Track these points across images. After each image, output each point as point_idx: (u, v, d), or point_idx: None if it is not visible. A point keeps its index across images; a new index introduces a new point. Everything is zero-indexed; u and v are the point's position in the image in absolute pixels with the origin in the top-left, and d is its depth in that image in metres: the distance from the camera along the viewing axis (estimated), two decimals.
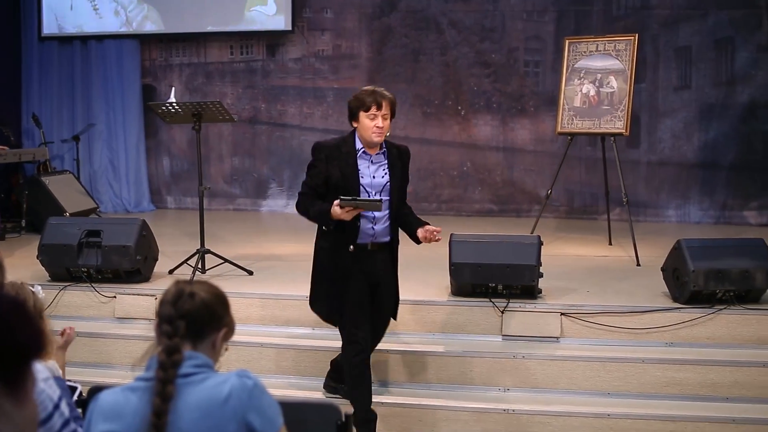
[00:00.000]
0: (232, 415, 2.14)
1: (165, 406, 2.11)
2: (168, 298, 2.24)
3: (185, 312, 2.22)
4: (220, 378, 2.20)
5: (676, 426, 4.59)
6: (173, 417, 2.12)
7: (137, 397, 2.17)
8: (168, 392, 2.13)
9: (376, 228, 4.30)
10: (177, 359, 2.17)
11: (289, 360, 5.16)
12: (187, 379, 2.17)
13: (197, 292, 2.25)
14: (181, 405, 2.14)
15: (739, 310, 5.13)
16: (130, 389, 2.20)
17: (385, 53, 9.58)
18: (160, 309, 2.24)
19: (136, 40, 9.93)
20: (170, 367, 2.15)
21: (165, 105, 6.16)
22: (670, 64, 9.02)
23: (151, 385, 2.16)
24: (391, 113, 4.29)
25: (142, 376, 2.21)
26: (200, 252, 6.08)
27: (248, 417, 2.15)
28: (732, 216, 8.95)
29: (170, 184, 10.19)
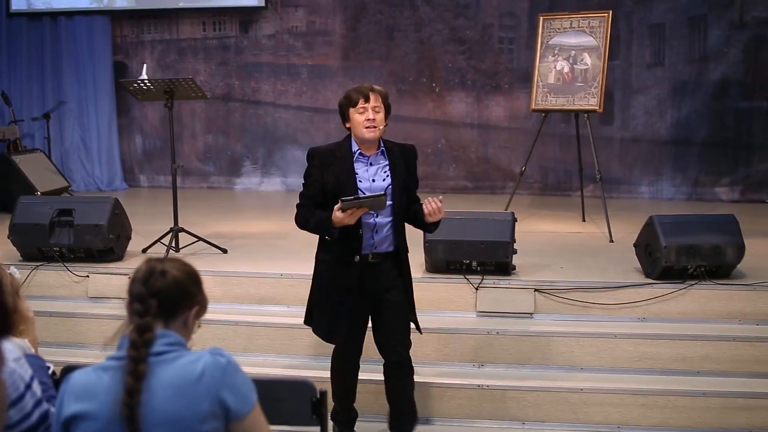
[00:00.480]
0: (205, 392, 2.14)
1: (137, 385, 2.11)
2: (139, 277, 2.23)
3: (157, 290, 2.20)
4: (193, 356, 2.19)
5: (647, 400, 4.65)
6: (146, 396, 2.11)
7: (109, 377, 2.16)
8: (140, 371, 2.12)
9: (376, 237, 3.95)
10: (149, 338, 2.16)
11: (264, 338, 5.16)
12: (160, 357, 2.16)
13: (169, 270, 2.24)
14: (154, 383, 2.13)
15: (710, 285, 5.18)
16: (102, 369, 2.19)
17: (360, 30, 9.53)
18: (131, 287, 2.23)
19: (106, 16, 9.80)
20: (142, 345, 2.14)
21: (137, 82, 6.09)
22: (644, 41, 9.04)
23: (123, 364, 2.15)
24: (384, 107, 3.96)
25: (114, 356, 2.20)
26: (174, 230, 6.05)
27: (222, 394, 2.15)
28: (704, 192, 9.04)
29: (143, 162, 10.11)
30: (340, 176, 3.92)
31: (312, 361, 5.03)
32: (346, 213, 3.74)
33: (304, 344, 5.09)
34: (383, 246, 3.99)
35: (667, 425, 4.63)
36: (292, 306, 5.37)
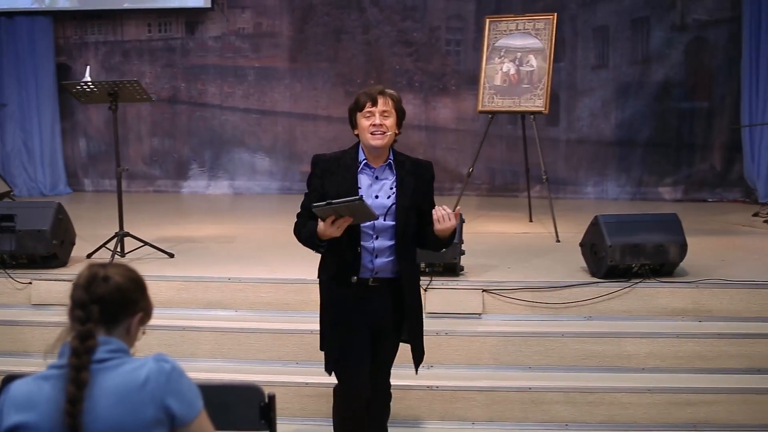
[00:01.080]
0: (149, 399, 2.11)
1: (79, 394, 2.07)
2: (80, 282, 2.19)
3: (99, 296, 2.16)
4: (137, 363, 2.16)
5: (595, 397, 4.71)
6: (89, 404, 2.07)
7: (50, 386, 2.11)
8: (82, 379, 2.08)
9: (376, 262, 3.57)
10: (90, 345, 2.12)
11: (212, 343, 5.11)
12: (102, 364, 2.12)
13: (111, 276, 2.19)
14: (97, 391, 2.09)
15: (653, 283, 5.27)
16: (43, 377, 2.14)
17: (307, 32, 9.50)
18: (73, 293, 2.18)
19: (49, 17, 9.62)
20: (83, 353, 2.10)
21: (80, 84, 5.99)
22: (588, 43, 9.18)
23: (64, 373, 2.10)
24: (396, 112, 3.60)
25: (55, 364, 2.15)
26: (119, 235, 5.96)
27: (167, 401, 2.12)
28: (648, 192, 9.20)
29: (87, 166, 9.94)
30: (341, 187, 3.53)
31: (260, 365, 5.00)
32: (328, 223, 3.38)
33: (252, 349, 5.06)
34: (386, 272, 3.60)
35: (613, 422, 4.69)
36: (240, 310, 5.34)
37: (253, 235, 7.03)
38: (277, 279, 5.43)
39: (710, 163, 9.13)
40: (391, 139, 3.62)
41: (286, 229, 7.24)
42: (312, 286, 5.32)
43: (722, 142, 9.10)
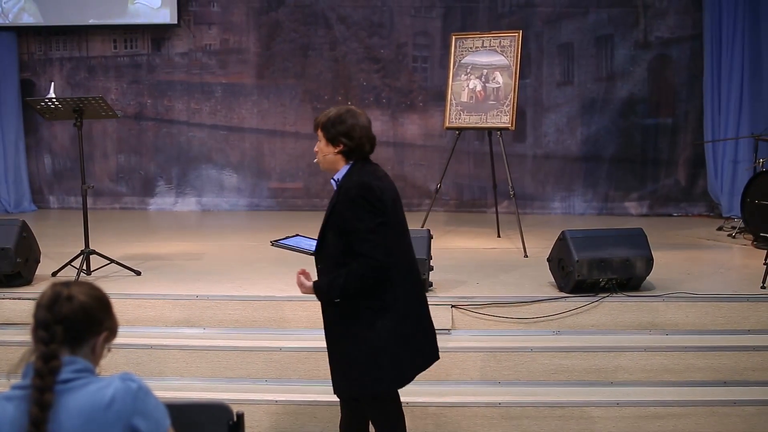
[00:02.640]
0: (116, 419, 2.08)
1: (43, 415, 2.03)
2: (44, 302, 2.15)
3: (63, 317, 2.13)
4: (103, 382, 2.12)
5: (564, 411, 4.73)
6: (53, 426, 2.04)
7: (14, 407, 2.07)
8: (46, 400, 2.04)
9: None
10: (54, 366, 2.08)
11: (180, 361, 5.05)
12: (67, 385, 2.09)
13: (75, 295, 2.16)
14: (62, 412, 2.06)
15: (621, 297, 5.32)
16: (6, 398, 2.10)
17: (274, 48, 9.50)
18: (36, 313, 2.15)
19: (12, 32, 9.52)
20: (47, 374, 2.06)
21: (44, 101, 5.93)
22: (554, 60, 9.27)
23: (28, 394, 2.07)
24: (322, 133, 3.52)
25: (19, 384, 2.11)
26: (85, 253, 5.89)
27: (133, 421, 2.09)
28: (614, 207, 9.30)
29: (52, 183, 9.83)
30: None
31: (229, 383, 4.96)
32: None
33: (221, 366, 5.01)
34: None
35: None
36: (208, 328, 5.30)
37: (221, 252, 6.98)
38: (246, 296, 5.41)
39: (675, 178, 9.25)
40: (327, 161, 3.54)
41: (254, 246, 7.27)
42: (280, 303, 5.34)
43: (686, 158, 9.23)
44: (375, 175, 3.49)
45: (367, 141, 3.54)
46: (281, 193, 9.61)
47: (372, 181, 3.43)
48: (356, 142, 3.49)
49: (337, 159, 3.52)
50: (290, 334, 5.22)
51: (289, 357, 5.00)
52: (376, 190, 3.40)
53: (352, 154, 3.51)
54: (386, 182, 3.53)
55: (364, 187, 3.40)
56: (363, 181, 3.42)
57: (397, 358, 3.49)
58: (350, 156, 3.52)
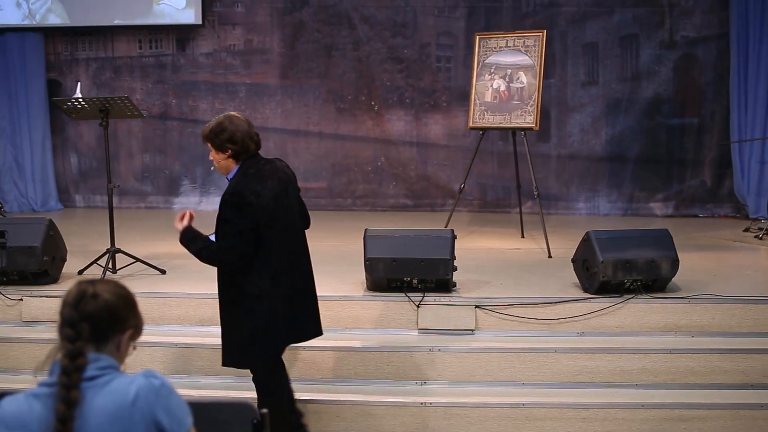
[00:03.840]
0: (140, 417, 2.10)
1: (70, 412, 2.05)
2: (69, 300, 2.17)
3: (88, 314, 2.15)
4: (127, 379, 2.14)
5: (588, 413, 4.70)
6: (79, 422, 2.06)
7: (41, 404, 2.09)
8: (72, 398, 2.06)
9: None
10: (81, 363, 2.10)
11: (204, 359, 5.08)
12: (92, 382, 2.11)
13: (100, 293, 2.18)
14: (87, 409, 2.08)
15: (646, 298, 5.28)
16: (34, 396, 2.12)
17: (298, 48, 9.52)
18: (62, 311, 2.17)
19: (39, 33, 9.61)
20: (73, 371, 2.08)
21: (71, 101, 5.98)
22: (578, 60, 9.22)
23: (54, 391, 2.09)
24: (209, 143, 3.93)
25: (45, 382, 2.14)
26: (110, 251, 5.94)
27: (157, 417, 2.11)
28: (639, 208, 9.23)
29: (78, 182, 9.92)
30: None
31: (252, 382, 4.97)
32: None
33: None
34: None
35: None
36: None
37: None
38: None
39: (701, 178, 9.17)
40: (221, 167, 3.95)
41: None
42: None
43: (712, 158, 9.15)
44: (258, 177, 3.86)
45: (251, 141, 3.92)
46: (304, 192, 9.44)
47: (247, 188, 3.82)
48: (240, 145, 3.89)
49: (229, 162, 3.92)
50: None
51: (312, 356, 5.01)
52: (247, 196, 3.79)
53: (239, 155, 3.90)
54: (271, 183, 3.88)
55: (235, 194, 3.82)
56: (237, 188, 3.83)
57: (272, 339, 3.96)
58: (239, 157, 3.91)
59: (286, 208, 3.95)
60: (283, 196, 3.94)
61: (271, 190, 3.87)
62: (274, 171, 3.95)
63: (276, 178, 3.93)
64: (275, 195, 3.87)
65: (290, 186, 4.03)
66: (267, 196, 3.83)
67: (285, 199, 3.95)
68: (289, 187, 4.02)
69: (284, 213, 3.94)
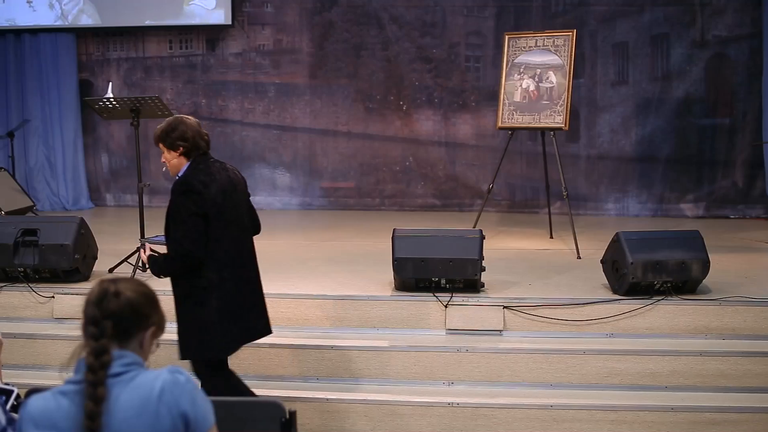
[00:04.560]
0: (166, 411, 2.12)
1: (97, 409, 2.08)
2: (92, 299, 2.20)
3: (110, 312, 2.17)
4: (152, 375, 2.17)
5: (617, 415, 4.67)
6: (106, 418, 2.09)
7: (68, 401, 2.12)
8: (99, 394, 2.09)
9: None
10: (105, 361, 2.13)
11: (231, 357, 5.07)
12: (118, 378, 2.14)
13: (122, 291, 2.20)
14: (114, 405, 2.10)
15: (676, 300, 5.23)
16: (61, 393, 2.15)
17: (327, 48, 9.54)
18: (85, 309, 2.20)
19: (71, 34, 9.73)
20: (99, 369, 2.11)
21: (102, 101, 6.04)
22: (608, 59, 9.16)
23: (81, 388, 2.11)
24: (161, 144, 4.07)
25: (72, 379, 2.17)
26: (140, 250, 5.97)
27: (183, 410, 2.14)
28: (669, 209, 9.15)
29: (109, 181, 10.01)
30: None
31: (280, 381, 5.00)
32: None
33: (272, 364, 5.06)
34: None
35: None
36: None
37: (274, 250, 7.02)
38: (298, 294, 5.44)
39: (732, 179, 9.07)
40: (173, 166, 4.05)
41: (306, 245, 7.31)
42: (332, 301, 5.37)
43: (744, 159, 9.04)
44: (207, 172, 3.96)
45: (201, 139, 4.04)
46: (333, 192, 9.65)
47: (195, 178, 3.92)
48: (191, 143, 4.00)
49: (181, 160, 4.03)
50: (342, 332, 5.25)
51: (340, 355, 5.02)
52: (196, 186, 3.89)
53: (190, 152, 4.02)
54: (220, 177, 3.99)
55: (184, 184, 3.92)
56: (186, 179, 3.94)
57: (224, 331, 3.98)
58: (189, 155, 4.02)
59: (234, 203, 4.04)
60: (232, 191, 4.03)
61: (220, 183, 3.96)
62: (223, 169, 4.07)
63: (225, 175, 4.04)
64: (223, 189, 3.97)
65: (239, 186, 4.14)
66: (215, 188, 3.92)
67: (234, 194, 4.05)
68: (238, 186, 4.12)
69: (232, 208, 4.02)
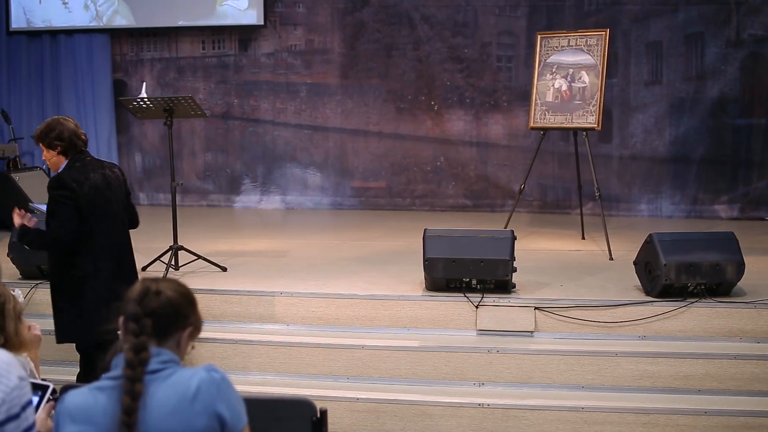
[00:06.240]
0: (202, 409, 2.14)
1: (134, 404, 2.11)
2: (134, 296, 2.23)
3: (151, 310, 2.21)
4: (188, 373, 2.19)
5: (649, 418, 4.63)
6: (143, 414, 2.11)
7: (106, 396, 2.15)
8: (136, 390, 2.12)
9: None
10: (144, 357, 2.16)
11: (263, 356, 5.13)
12: (155, 375, 2.17)
13: (163, 290, 2.24)
14: (150, 401, 2.13)
15: (710, 303, 5.17)
16: (98, 388, 2.18)
17: (358, 48, 9.56)
18: (126, 307, 2.23)
19: (106, 34, 9.83)
20: (138, 365, 2.15)
21: (136, 100, 6.10)
22: (641, 59, 9.07)
23: (119, 384, 2.14)
24: (43, 145, 4.32)
25: (110, 375, 2.20)
26: (173, 248, 6.03)
27: (218, 409, 2.16)
28: (703, 210, 9.04)
29: (143, 180, 10.11)
30: None
31: (311, 380, 5.01)
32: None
33: (303, 363, 5.08)
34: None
35: None
36: (292, 324, 5.37)
37: (305, 249, 7.06)
38: (328, 294, 5.45)
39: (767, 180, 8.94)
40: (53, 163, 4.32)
41: (337, 244, 7.33)
42: (362, 301, 5.38)
43: None
44: (82, 170, 4.28)
45: (77, 138, 4.34)
46: (364, 192, 9.66)
47: (69, 176, 4.23)
48: (68, 142, 4.30)
49: (59, 158, 4.31)
50: (372, 332, 5.26)
51: (371, 355, 5.03)
52: (69, 183, 4.20)
53: (68, 151, 4.30)
54: (93, 175, 4.29)
55: (57, 180, 4.24)
56: (60, 176, 4.26)
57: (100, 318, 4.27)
58: (67, 153, 4.30)
59: (107, 199, 4.35)
60: (105, 188, 4.34)
61: (93, 181, 4.28)
62: (99, 166, 4.39)
63: (100, 173, 4.35)
64: (96, 186, 4.28)
65: (115, 182, 4.44)
66: (88, 185, 4.24)
67: (107, 191, 4.35)
68: (114, 182, 4.42)
69: (105, 203, 4.33)
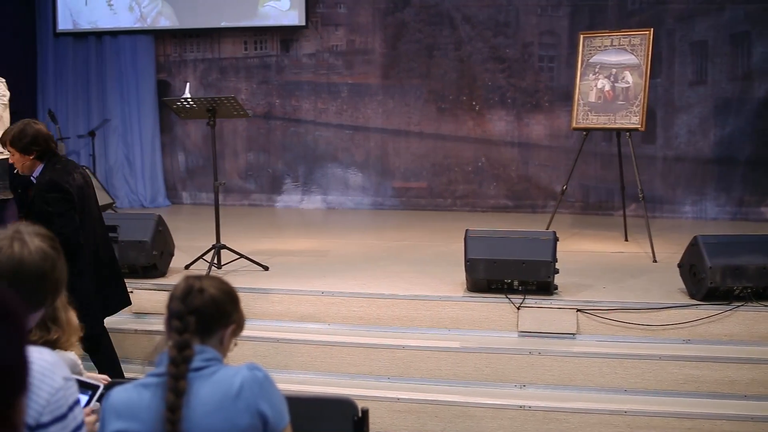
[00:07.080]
0: (245, 407, 2.16)
1: (178, 401, 2.12)
2: (177, 294, 2.25)
3: (195, 308, 2.22)
4: (231, 371, 2.21)
5: (693, 423, 4.56)
6: (186, 411, 2.13)
7: (150, 393, 2.17)
8: (180, 387, 2.14)
9: None
10: (188, 354, 2.18)
11: (305, 355, 5.16)
12: (198, 372, 2.18)
13: (206, 288, 2.26)
14: (194, 399, 2.15)
15: (757, 307, 5.08)
16: (143, 385, 2.21)
17: (399, 48, 9.56)
18: (170, 304, 2.25)
19: (150, 35, 9.95)
20: (182, 362, 2.16)
21: (180, 100, 6.16)
22: (686, 59, 8.95)
23: (163, 381, 2.17)
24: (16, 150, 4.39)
25: (154, 372, 2.22)
26: (216, 247, 6.09)
27: (261, 407, 2.17)
28: (749, 212, 8.89)
29: (185, 179, 10.21)
30: None
31: (351, 379, 5.03)
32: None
33: (344, 362, 5.09)
34: None
35: None
36: (333, 324, 5.38)
37: (346, 249, 7.08)
38: (369, 294, 5.46)
39: None
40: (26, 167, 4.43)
41: (378, 244, 7.34)
42: (403, 301, 5.38)
43: None
44: (66, 171, 4.45)
45: (51, 141, 4.46)
46: (405, 192, 9.66)
47: (60, 177, 4.40)
48: (43, 146, 4.40)
49: (34, 163, 4.43)
50: (413, 332, 5.25)
51: (412, 355, 5.03)
52: (63, 184, 4.38)
53: (44, 155, 4.42)
54: (75, 174, 4.50)
55: (52, 183, 4.37)
56: (53, 179, 4.38)
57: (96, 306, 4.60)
58: (43, 157, 4.42)
59: (89, 197, 4.59)
60: (86, 186, 4.57)
61: (77, 180, 4.50)
62: (75, 167, 4.61)
63: (79, 172, 4.58)
64: (79, 185, 4.50)
65: (89, 181, 4.65)
66: (75, 185, 4.46)
67: (88, 189, 4.58)
68: (88, 181, 4.63)
69: (87, 201, 4.56)
